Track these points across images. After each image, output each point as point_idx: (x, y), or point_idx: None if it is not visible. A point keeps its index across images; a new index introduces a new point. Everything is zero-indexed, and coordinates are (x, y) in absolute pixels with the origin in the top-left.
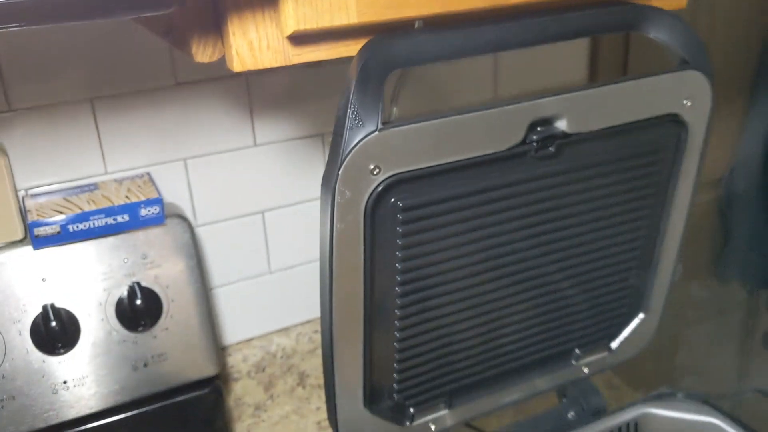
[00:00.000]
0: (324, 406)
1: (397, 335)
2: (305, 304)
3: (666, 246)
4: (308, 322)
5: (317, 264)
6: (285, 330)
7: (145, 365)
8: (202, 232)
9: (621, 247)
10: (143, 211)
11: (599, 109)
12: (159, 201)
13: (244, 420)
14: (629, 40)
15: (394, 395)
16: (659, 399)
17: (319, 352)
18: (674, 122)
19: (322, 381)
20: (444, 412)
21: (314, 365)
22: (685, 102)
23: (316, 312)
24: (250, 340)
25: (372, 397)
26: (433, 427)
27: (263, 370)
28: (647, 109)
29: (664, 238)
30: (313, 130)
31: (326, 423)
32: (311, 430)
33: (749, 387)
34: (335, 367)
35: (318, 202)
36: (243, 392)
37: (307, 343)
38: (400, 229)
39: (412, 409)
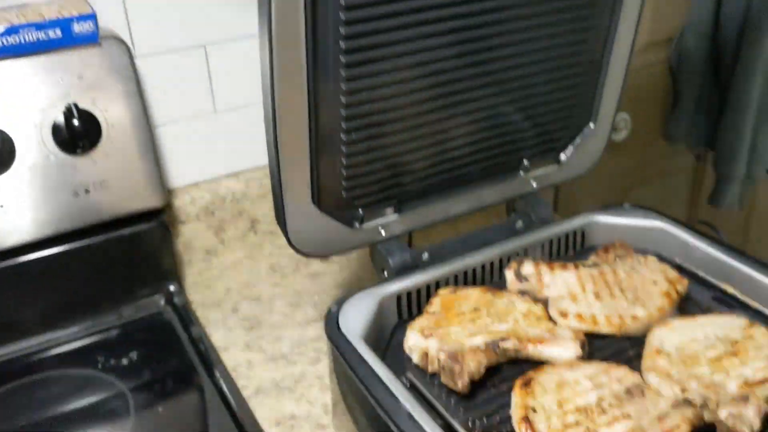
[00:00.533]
0: (277, 252)
1: (344, 143)
2: (255, 148)
3: (615, 55)
4: (258, 168)
5: None
6: (234, 174)
7: (87, 191)
8: (140, 65)
9: (569, 55)
10: (76, 27)
11: None
12: (92, 17)
13: (194, 264)
14: None
15: (343, 192)
16: (606, 208)
17: (270, 197)
18: None
19: (274, 227)
20: (393, 217)
21: (266, 210)
22: None
23: (266, 158)
24: (197, 183)
25: (321, 197)
26: (383, 232)
27: (213, 213)
28: None
29: (613, 47)
30: None
31: (279, 265)
32: (264, 274)
33: (695, 220)
34: (281, 161)
35: None
36: (192, 236)
37: (258, 188)
38: (342, 31)
39: (361, 211)
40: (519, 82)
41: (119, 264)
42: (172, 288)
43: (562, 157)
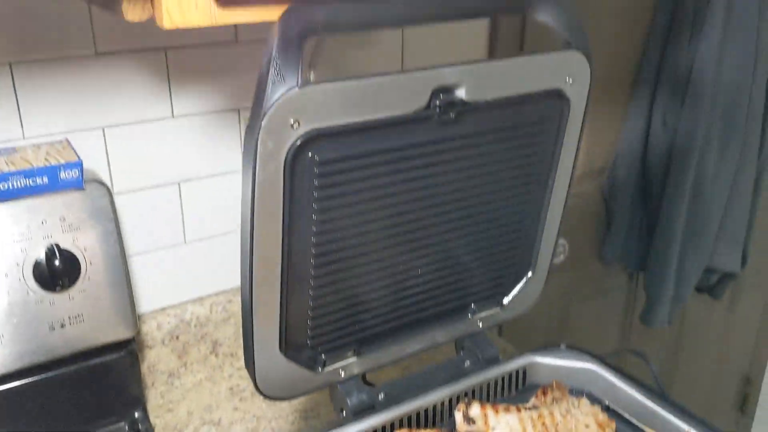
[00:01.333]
0: (236, 374)
1: (312, 288)
2: (220, 274)
3: (551, 211)
4: (223, 292)
5: (232, 235)
6: (200, 299)
7: (62, 326)
8: (118, 201)
9: (511, 210)
10: (63, 174)
11: (494, 81)
12: (79, 165)
13: (158, 387)
14: (525, 22)
15: (308, 341)
16: (544, 349)
17: (233, 321)
18: (558, 97)
19: (234, 349)
20: (353, 359)
21: (227, 334)
22: (567, 79)
23: (230, 283)
24: (164, 308)
25: (288, 344)
26: (342, 374)
27: (177, 338)
28: (535, 84)
29: (550, 204)
30: (229, 104)
31: (238, 388)
32: (224, 395)
33: (625, 348)
34: (254, 314)
35: (233, 176)
36: (157, 359)
37: (221, 312)
38: (316, 182)
39: (323, 356)
40: (468, 236)
41: (88, 393)
42: (136, 415)
43: (505, 300)
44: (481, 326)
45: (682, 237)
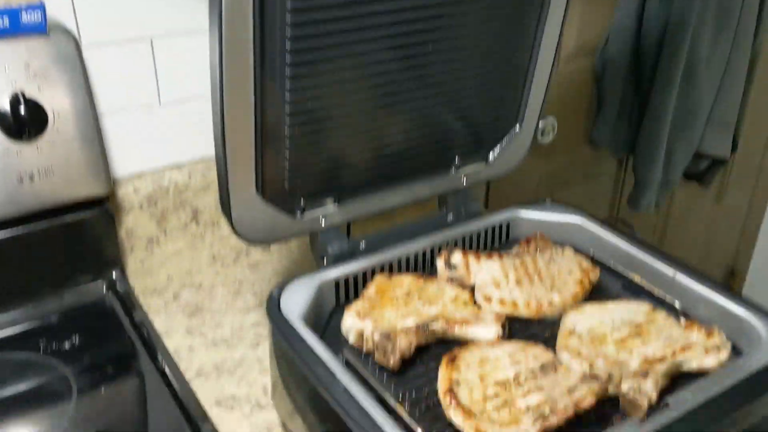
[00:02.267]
0: (218, 242)
1: (288, 137)
2: (198, 141)
3: (540, 61)
4: (202, 159)
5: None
6: (178, 166)
7: (31, 178)
8: (87, 54)
9: (498, 60)
10: (24, 17)
11: None
12: (41, 7)
13: (137, 253)
14: None
15: (285, 183)
16: (529, 204)
17: (213, 189)
18: None
19: (215, 218)
20: (333, 208)
21: (207, 202)
22: None
23: (209, 149)
24: (141, 173)
25: (265, 187)
26: (322, 222)
27: (155, 203)
28: None
29: (539, 53)
30: None
31: (220, 255)
32: (205, 261)
33: (612, 216)
34: (227, 152)
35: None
36: (135, 225)
37: (200, 179)
38: (289, 32)
39: (302, 201)
40: (452, 85)
41: (62, 250)
42: (114, 275)
43: (490, 156)
44: (465, 183)
45: (672, 120)
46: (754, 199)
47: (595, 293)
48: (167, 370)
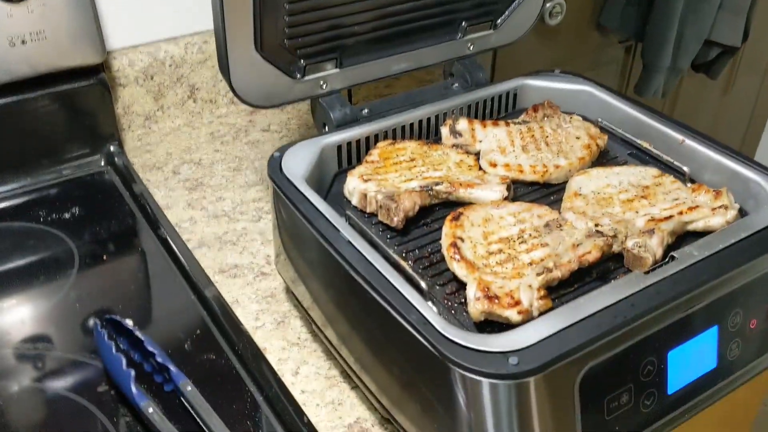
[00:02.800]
0: (216, 121)
1: None
2: (195, 13)
3: None
4: (198, 33)
5: None
6: (174, 39)
7: (23, 42)
8: None
9: None
10: None
11: None
12: None
13: (135, 130)
14: None
15: (285, 43)
16: (537, 73)
17: (210, 64)
18: None
19: (213, 95)
20: (334, 71)
21: (205, 78)
22: None
23: (207, 23)
24: (136, 46)
25: (264, 44)
26: (324, 86)
27: (152, 78)
28: None
29: None
30: None
31: (219, 133)
32: (204, 139)
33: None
34: (225, 7)
35: None
36: (131, 100)
37: (197, 53)
38: None
39: (303, 62)
40: None
41: (58, 121)
42: (112, 148)
43: (499, 21)
44: (471, 49)
45: (684, 4)
46: (762, 91)
47: (603, 160)
48: (169, 239)
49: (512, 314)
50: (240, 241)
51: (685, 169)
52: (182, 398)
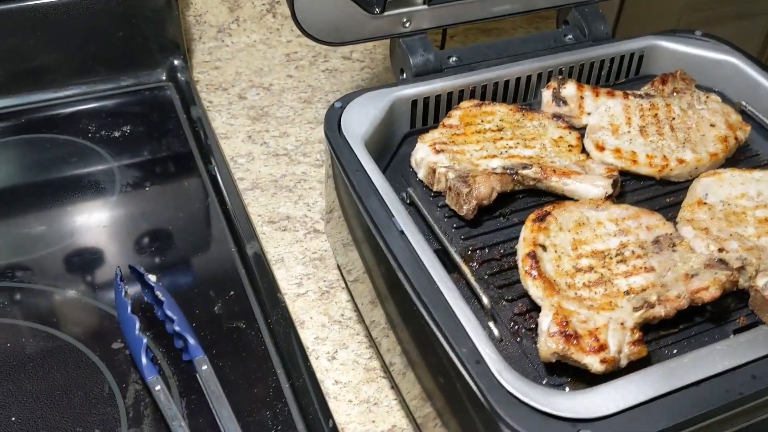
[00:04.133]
0: (296, 41)
1: None
2: None
3: None
4: None
5: None
6: None
7: None
8: None
9: None
10: None
11: None
12: None
13: (206, 42)
14: None
15: None
16: (673, 34)
17: None
18: None
19: None
20: (421, 7)
21: None
22: None
23: None
24: None
25: None
26: (407, 24)
27: None
28: None
29: None
30: None
31: (296, 56)
32: (278, 60)
33: None
34: None
35: None
36: (204, 9)
37: None
38: None
39: None
40: None
41: (119, 27)
42: (176, 62)
43: None
44: None
45: None
46: None
47: (740, 158)
48: (219, 177)
49: (593, 362)
50: (297, 188)
51: None
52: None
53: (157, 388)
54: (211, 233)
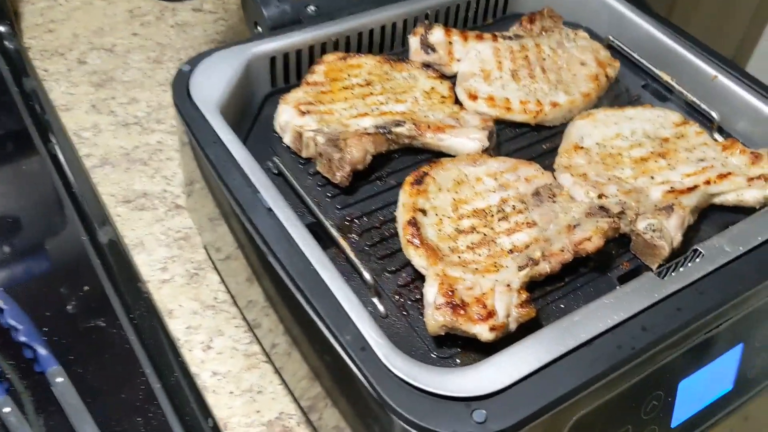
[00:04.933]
0: None
1: None
2: None
3: None
4: None
5: None
6: None
7: None
8: None
9: None
10: None
11: None
12: None
13: (35, 2)
14: None
15: None
16: None
17: None
18: None
19: None
20: None
21: None
22: None
23: None
24: None
25: None
26: None
27: None
28: None
29: None
30: None
31: (140, 11)
32: (121, 18)
33: None
34: None
35: None
36: None
37: None
38: None
39: None
40: None
41: None
42: (2, 29)
43: None
44: None
45: None
46: None
47: (612, 95)
48: (61, 155)
49: (483, 331)
50: (153, 160)
51: (714, 114)
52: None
53: (6, 409)
54: (57, 221)
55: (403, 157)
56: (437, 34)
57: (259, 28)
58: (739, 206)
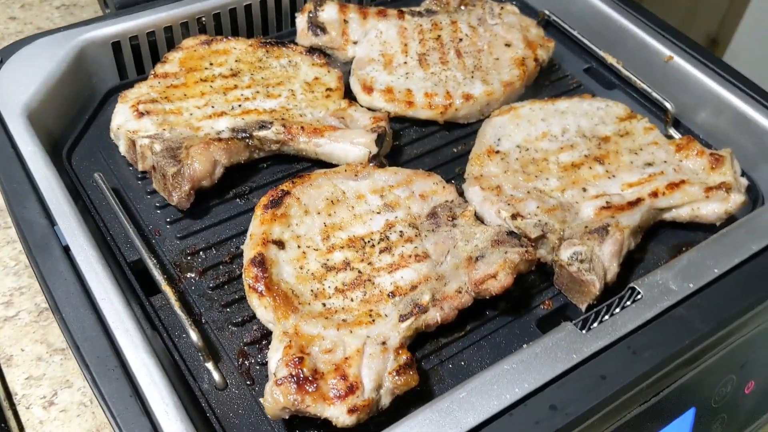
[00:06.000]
0: None
1: None
2: None
3: None
4: None
5: None
6: None
7: None
8: None
9: None
10: None
11: None
12: None
13: None
14: None
15: None
16: None
17: None
18: None
19: None
20: None
21: None
22: None
23: None
24: None
25: None
26: None
27: None
28: None
29: None
30: None
31: None
32: None
33: None
34: None
35: None
36: None
37: None
38: None
39: None
40: None
41: None
42: None
43: None
44: None
45: None
46: None
47: (544, 81)
48: None
49: (339, 414)
50: None
51: (668, 105)
52: None
53: None
54: None
55: (274, 167)
56: (330, 11)
57: (108, 5)
58: (695, 222)
